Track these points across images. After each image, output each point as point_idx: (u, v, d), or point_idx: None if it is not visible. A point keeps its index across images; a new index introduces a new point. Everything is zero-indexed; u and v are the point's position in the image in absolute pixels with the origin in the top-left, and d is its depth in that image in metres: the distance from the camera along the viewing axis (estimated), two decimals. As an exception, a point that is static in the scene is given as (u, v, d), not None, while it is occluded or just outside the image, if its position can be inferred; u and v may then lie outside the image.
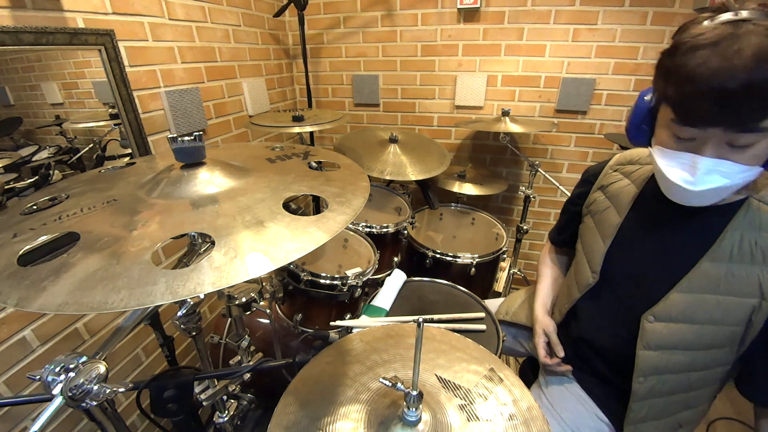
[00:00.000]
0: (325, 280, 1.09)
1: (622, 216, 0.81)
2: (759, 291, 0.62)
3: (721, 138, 0.56)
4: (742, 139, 0.55)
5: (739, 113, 0.52)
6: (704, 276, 0.67)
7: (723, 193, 0.61)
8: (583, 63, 1.78)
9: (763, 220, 0.63)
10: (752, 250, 0.63)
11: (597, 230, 0.86)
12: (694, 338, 0.70)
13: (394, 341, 0.77)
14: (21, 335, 0.95)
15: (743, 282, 0.64)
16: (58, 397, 0.42)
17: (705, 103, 0.54)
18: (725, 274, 0.65)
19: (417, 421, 0.56)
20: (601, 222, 0.85)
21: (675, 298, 0.70)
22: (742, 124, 0.53)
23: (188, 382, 0.65)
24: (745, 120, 0.53)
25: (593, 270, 0.85)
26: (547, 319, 0.99)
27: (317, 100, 2.28)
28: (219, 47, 1.57)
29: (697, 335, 0.69)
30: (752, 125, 0.53)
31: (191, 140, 0.60)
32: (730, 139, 0.55)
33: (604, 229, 0.84)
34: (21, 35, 0.87)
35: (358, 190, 0.61)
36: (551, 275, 1.08)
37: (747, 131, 0.54)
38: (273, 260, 0.43)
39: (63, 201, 0.59)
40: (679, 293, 0.70)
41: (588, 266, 0.86)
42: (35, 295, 0.38)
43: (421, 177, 1.51)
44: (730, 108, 0.52)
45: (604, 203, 0.87)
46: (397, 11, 1.93)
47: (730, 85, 0.50)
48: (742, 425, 1.50)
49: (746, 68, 0.49)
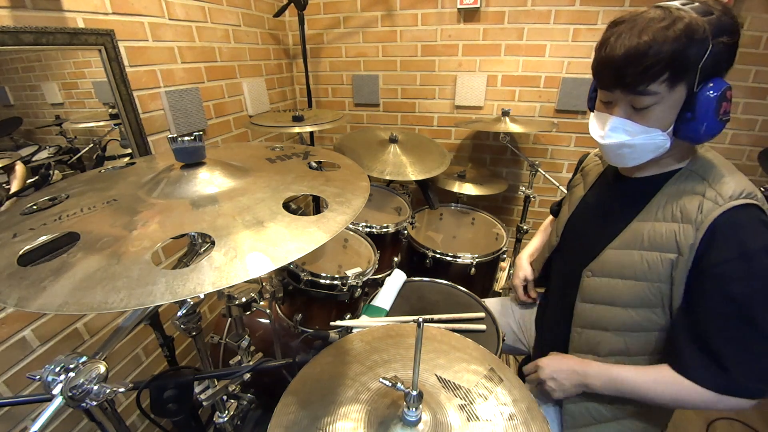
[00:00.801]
0: (325, 280, 1.09)
1: (585, 190, 0.94)
2: (676, 246, 0.68)
3: (626, 101, 0.66)
4: (640, 102, 0.64)
5: (624, 76, 0.63)
6: (633, 234, 0.75)
7: (638, 154, 0.69)
8: (583, 63, 1.78)
9: (687, 185, 0.70)
10: (673, 210, 0.70)
11: (567, 202, 1.00)
12: (625, 293, 0.75)
13: (394, 341, 0.77)
14: (21, 335, 0.95)
15: (663, 238, 0.70)
16: (58, 397, 0.42)
17: (606, 69, 0.66)
18: (648, 230, 0.72)
19: (417, 421, 0.56)
20: (571, 195, 0.99)
21: (608, 254, 0.78)
22: (630, 87, 0.63)
23: (188, 382, 0.65)
24: (631, 83, 0.62)
25: (557, 234, 0.98)
26: (529, 267, 1.18)
27: (317, 100, 2.28)
28: (219, 47, 1.57)
29: (628, 290, 0.75)
30: (642, 88, 0.62)
31: (191, 140, 0.60)
32: (632, 101, 0.65)
33: (572, 202, 0.97)
34: (21, 35, 0.87)
35: (358, 190, 0.61)
36: (542, 238, 1.26)
37: (640, 93, 0.63)
38: (273, 260, 0.43)
39: (63, 201, 0.59)
40: (611, 250, 0.78)
41: (555, 231, 1.00)
42: (35, 295, 0.38)
43: (421, 177, 1.51)
44: (617, 72, 0.63)
45: (578, 181, 1.00)
46: (397, 11, 1.93)
47: (616, 53, 0.62)
48: (743, 425, 1.50)
49: (629, 38, 0.60)
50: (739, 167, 0.71)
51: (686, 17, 0.58)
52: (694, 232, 0.65)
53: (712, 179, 0.68)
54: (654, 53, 0.59)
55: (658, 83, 0.61)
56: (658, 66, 0.59)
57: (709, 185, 0.67)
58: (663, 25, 0.58)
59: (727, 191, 0.65)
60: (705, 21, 0.58)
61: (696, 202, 0.67)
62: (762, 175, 1.72)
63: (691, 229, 0.66)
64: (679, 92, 0.62)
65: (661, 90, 0.62)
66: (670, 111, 0.64)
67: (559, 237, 0.98)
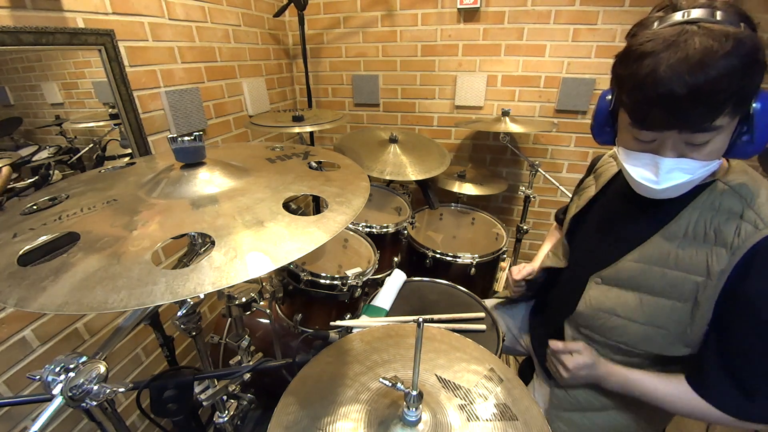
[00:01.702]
0: (325, 280, 1.09)
1: (597, 189, 0.88)
2: (706, 269, 0.64)
3: (679, 138, 0.58)
4: (698, 138, 0.57)
5: (688, 117, 0.55)
6: (656, 249, 0.70)
7: (687, 186, 0.63)
8: (583, 63, 1.78)
9: (723, 202, 0.64)
10: (706, 229, 0.64)
11: (576, 202, 0.94)
12: (635, 307, 0.72)
13: (394, 341, 0.77)
14: (21, 335, 0.95)
15: (692, 259, 0.65)
16: (58, 397, 0.42)
17: (656, 110, 0.56)
18: (676, 249, 0.67)
19: (417, 421, 0.56)
20: (582, 196, 0.93)
21: (624, 265, 0.74)
22: (694, 126, 0.56)
23: (188, 382, 0.65)
24: (695, 122, 0.55)
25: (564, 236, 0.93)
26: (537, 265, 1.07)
27: (317, 100, 2.28)
28: (219, 47, 1.57)
29: (638, 305, 0.71)
30: (704, 125, 0.55)
31: (191, 140, 0.60)
32: (687, 139, 0.58)
33: (581, 201, 0.91)
34: (21, 35, 0.87)
35: (358, 190, 0.61)
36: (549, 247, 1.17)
37: (701, 131, 0.56)
38: (273, 260, 0.43)
39: (63, 201, 0.59)
40: (629, 261, 0.73)
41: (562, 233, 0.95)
42: (35, 295, 0.38)
43: (421, 177, 1.51)
44: (680, 113, 0.54)
45: (590, 182, 0.94)
46: (397, 11, 1.93)
47: (678, 92, 0.52)
48: (742, 425, 1.50)
49: (691, 74, 0.51)
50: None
51: (735, 35, 0.50)
52: (728, 257, 0.61)
53: (750, 199, 0.62)
54: (725, 88, 0.51)
55: (723, 116, 0.54)
56: (730, 101, 0.52)
57: (748, 205, 0.62)
58: (724, 52, 0.50)
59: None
60: (751, 35, 0.51)
61: (733, 225, 0.61)
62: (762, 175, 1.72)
63: (725, 254, 0.61)
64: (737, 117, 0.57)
65: (724, 123, 0.55)
66: (727, 138, 0.59)
67: (564, 236, 0.95)
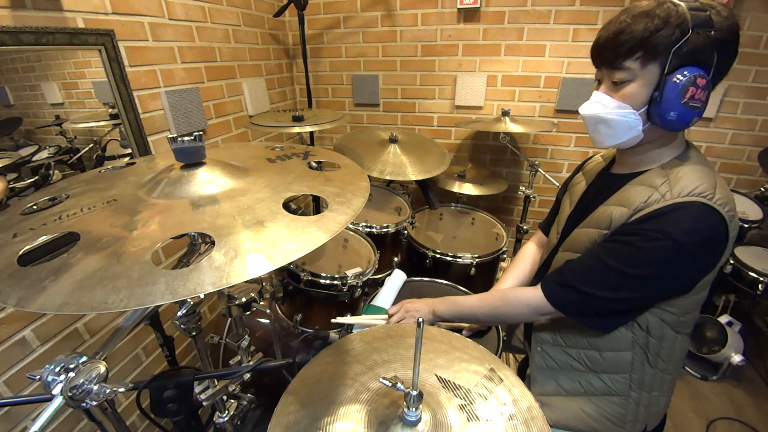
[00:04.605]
0: (325, 280, 1.09)
1: (587, 184, 0.94)
2: (609, 224, 0.74)
3: (608, 77, 0.72)
4: (616, 76, 0.70)
5: (604, 56, 0.71)
6: (594, 214, 0.80)
7: (613, 130, 0.73)
8: (583, 63, 1.78)
9: (650, 179, 0.72)
10: (626, 196, 0.74)
11: (568, 199, 0.98)
12: None
13: (394, 341, 0.77)
14: (21, 335, 0.95)
15: (602, 217, 0.76)
16: (58, 397, 0.42)
17: (594, 48, 0.74)
18: (600, 211, 0.78)
19: (417, 421, 0.56)
20: (573, 193, 0.98)
21: (574, 232, 0.85)
22: (610, 63, 0.70)
23: (188, 382, 0.65)
24: (609, 60, 0.69)
25: (558, 231, 0.96)
26: None
27: (317, 100, 2.28)
28: (219, 47, 1.57)
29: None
30: (617, 64, 0.68)
31: (191, 140, 0.60)
32: (611, 76, 0.71)
33: (572, 199, 0.96)
34: (21, 35, 0.87)
35: (358, 190, 0.61)
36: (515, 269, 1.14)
37: (615, 68, 0.69)
38: (273, 260, 0.43)
39: (63, 201, 0.59)
40: (577, 229, 0.84)
41: (556, 229, 0.98)
42: (35, 295, 0.38)
43: (421, 177, 1.51)
44: (601, 50, 0.71)
45: (579, 179, 0.99)
46: (397, 11, 1.93)
47: (602, 38, 0.70)
48: (742, 425, 1.50)
49: (612, 25, 0.68)
50: (739, 167, 0.71)
51: (671, 6, 0.62)
52: (629, 215, 0.71)
53: (674, 176, 0.70)
54: (629, 31, 0.65)
55: (632, 60, 0.66)
56: (631, 43, 0.65)
57: (668, 180, 0.69)
58: (646, 10, 0.64)
59: (680, 188, 0.66)
60: (688, 11, 0.61)
61: (646, 194, 0.70)
62: (762, 175, 1.72)
63: (627, 212, 0.71)
64: (652, 72, 0.66)
65: (634, 67, 0.67)
66: (642, 89, 0.68)
67: (560, 234, 0.96)
